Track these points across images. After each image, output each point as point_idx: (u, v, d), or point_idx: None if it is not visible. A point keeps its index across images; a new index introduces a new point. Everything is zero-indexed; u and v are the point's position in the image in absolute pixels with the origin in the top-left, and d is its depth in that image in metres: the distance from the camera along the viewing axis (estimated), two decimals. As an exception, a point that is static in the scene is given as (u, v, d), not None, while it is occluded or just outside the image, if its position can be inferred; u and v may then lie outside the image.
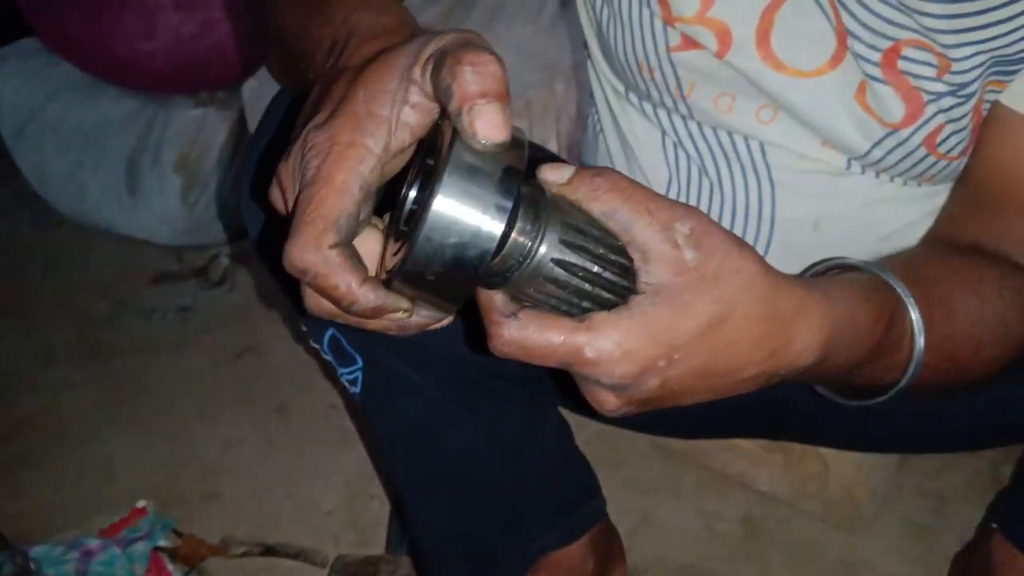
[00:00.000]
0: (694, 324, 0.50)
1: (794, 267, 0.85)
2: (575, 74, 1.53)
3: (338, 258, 0.48)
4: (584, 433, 1.38)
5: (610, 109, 0.93)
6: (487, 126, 0.46)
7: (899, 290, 0.60)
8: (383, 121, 0.49)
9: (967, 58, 0.71)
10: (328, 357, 0.89)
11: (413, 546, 1.15)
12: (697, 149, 0.85)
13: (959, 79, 0.72)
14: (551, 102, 1.09)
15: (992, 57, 0.71)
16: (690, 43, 0.78)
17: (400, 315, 0.50)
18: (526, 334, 0.50)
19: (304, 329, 0.91)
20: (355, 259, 0.49)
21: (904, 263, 0.66)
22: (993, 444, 1.15)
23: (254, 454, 1.45)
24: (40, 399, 1.58)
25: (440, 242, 0.46)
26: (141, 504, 1.30)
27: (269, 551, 1.26)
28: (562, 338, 0.50)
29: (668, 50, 0.80)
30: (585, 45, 0.94)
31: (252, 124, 1.61)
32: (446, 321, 0.53)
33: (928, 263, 0.69)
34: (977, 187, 0.77)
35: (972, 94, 0.72)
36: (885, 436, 1.03)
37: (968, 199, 0.78)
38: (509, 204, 0.46)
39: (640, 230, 0.49)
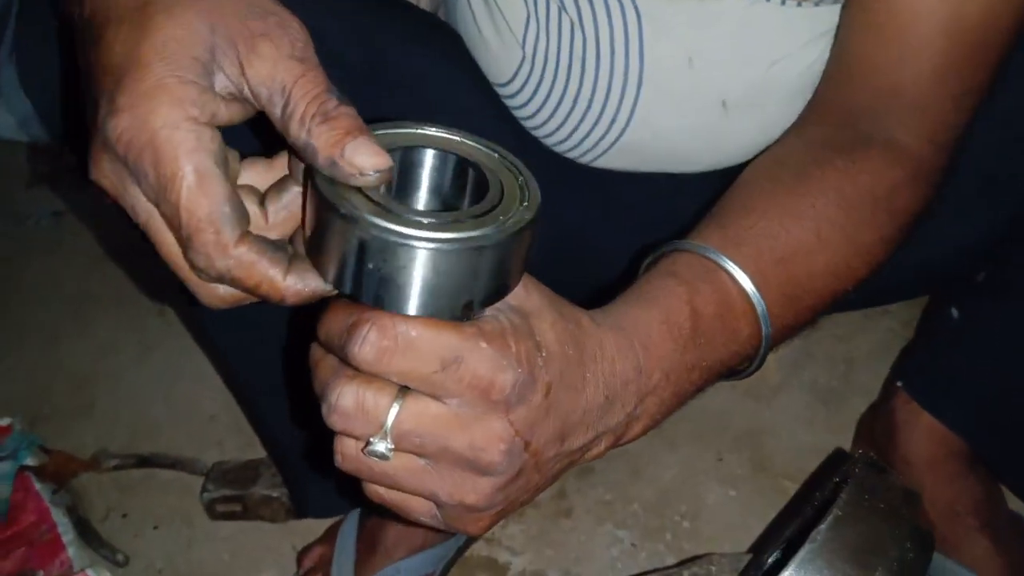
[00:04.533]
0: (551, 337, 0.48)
1: (670, 111, 0.77)
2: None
3: (251, 255, 0.44)
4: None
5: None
6: (369, 157, 0.43)
7: (726, 265, 0.58)
8: (193, 86, 0.43)
9: None
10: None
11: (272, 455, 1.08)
12: (556, -18, 0.75)
13: None
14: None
15: None
16: None
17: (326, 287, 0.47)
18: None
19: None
20: (270, 249, 0.45)
21: (733, 210, 0.63)
22: (898, 296, 1.10)
23: (131, 360, 1.36)
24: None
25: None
26: (5, 422, 1.20)
27: (144, 462, 1.18)
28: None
29: None
30: None
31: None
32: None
33: (759, 194, 0.65)
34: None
35: None
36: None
37: (836, 63, 0.71)
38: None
39: None
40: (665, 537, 1.09)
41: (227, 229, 0.44)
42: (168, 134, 0.42)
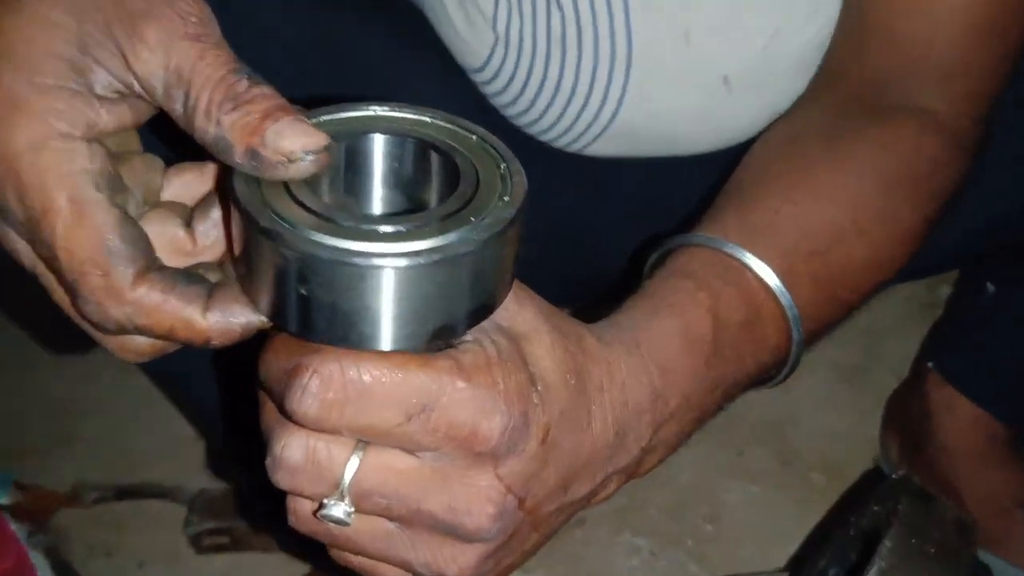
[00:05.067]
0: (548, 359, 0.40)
1: (667, 91, 0.70)
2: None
3: (153, 295, 0.37)
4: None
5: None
6: (298, 137, 0.35)
7: (750, 262, 0.50)
8: (57, 93, 0.36)
9: None
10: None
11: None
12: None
13: None
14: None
15: None
16: None
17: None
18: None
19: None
20: (182, 282, 0.38)
21: (751, 193, 0.56)
22: (930, 274, 1.03)
23: (110, 384, 1.29)
24: None
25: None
26: (-24, 459, 1.14)
27: (126, 494, 1.11)
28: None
29: None
30: None
31: None
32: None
33: (780, 173, 0.57)
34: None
35: None
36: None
37: (852, 26, 0.64)
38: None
39: None
40: (686, 543, 1.03)
41: (118, 268, 0.36)
42: (31, 159, 0.35)
